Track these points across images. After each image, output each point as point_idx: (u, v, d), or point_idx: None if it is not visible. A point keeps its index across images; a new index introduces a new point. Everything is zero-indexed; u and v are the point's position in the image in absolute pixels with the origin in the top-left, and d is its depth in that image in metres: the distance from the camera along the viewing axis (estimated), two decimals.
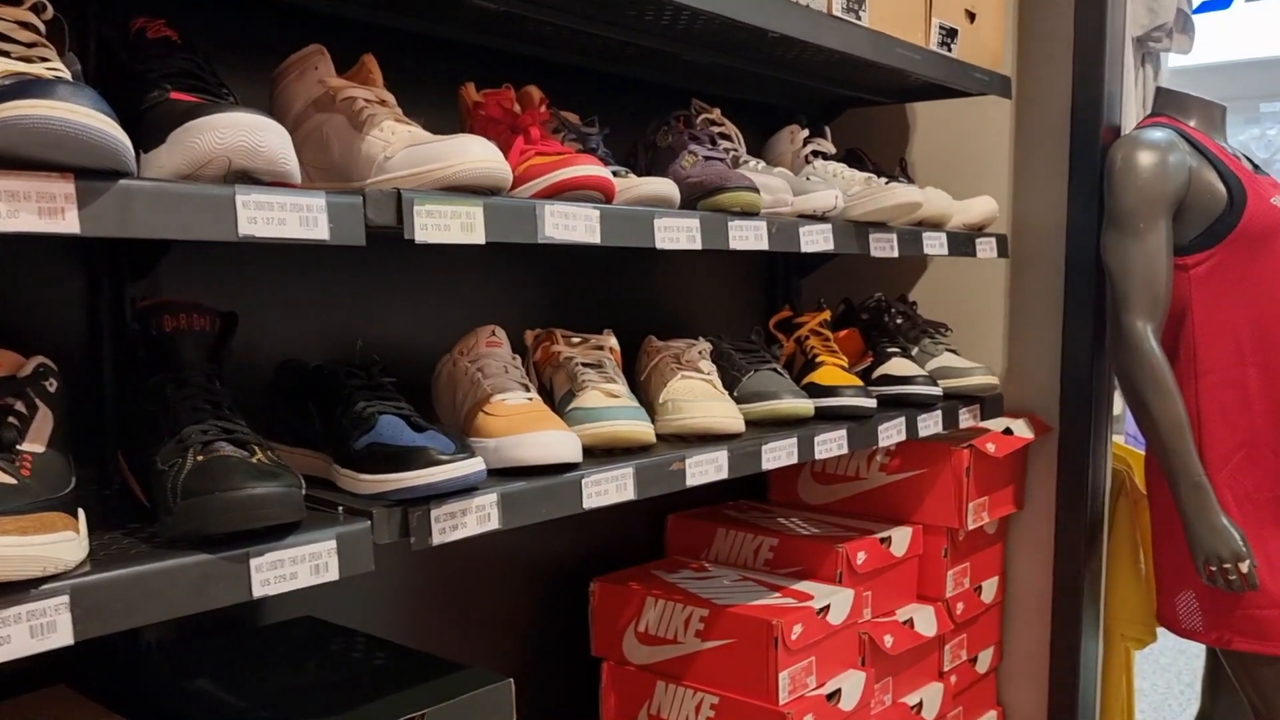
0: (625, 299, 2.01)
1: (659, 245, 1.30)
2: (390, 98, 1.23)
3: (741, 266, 2.29)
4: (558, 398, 1.44)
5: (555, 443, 1.21)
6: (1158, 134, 1.90)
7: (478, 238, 1.10)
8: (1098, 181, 2.00)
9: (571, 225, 1.20)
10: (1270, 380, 1.85)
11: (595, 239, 1.23)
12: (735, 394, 1.64)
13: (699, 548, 2.04)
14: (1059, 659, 2.14)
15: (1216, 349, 1.88)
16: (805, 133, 1.78)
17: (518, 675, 1.91)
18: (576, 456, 1.24)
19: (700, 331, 2.11)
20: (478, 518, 1.12)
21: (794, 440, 1.55)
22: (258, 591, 0.94)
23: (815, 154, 1.77)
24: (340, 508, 1.07)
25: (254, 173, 0.94)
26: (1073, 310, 2.06)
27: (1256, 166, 2.01)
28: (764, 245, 1.46)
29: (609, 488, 1.27)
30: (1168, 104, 2.02)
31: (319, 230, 0.97)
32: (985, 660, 2.20)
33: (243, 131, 0.91)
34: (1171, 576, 1.96)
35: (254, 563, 0.94)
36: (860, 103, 2.25)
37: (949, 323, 2.17)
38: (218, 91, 1.03)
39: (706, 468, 1.40)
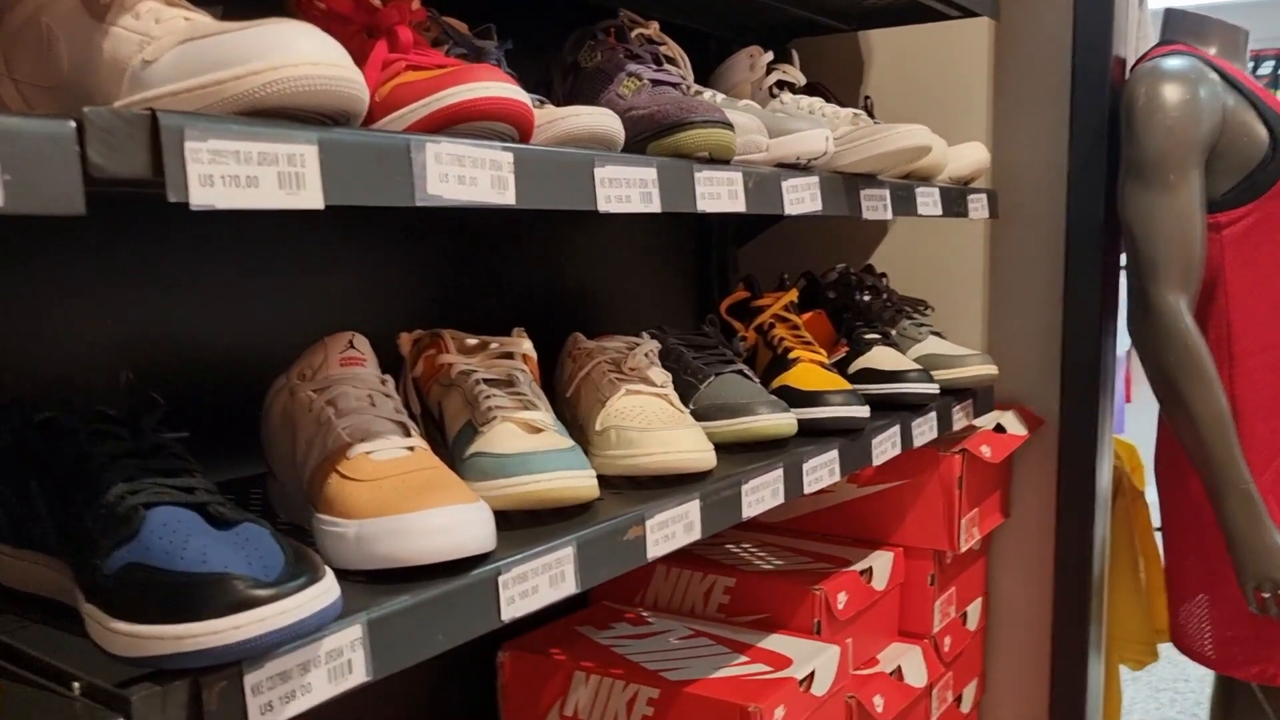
0: (519, 279, 1.55)
1: (602, 207, 0.86)
2: None
3: (664, 233, 1.85)
4: (452, 433, 0.99)
5: (454, 527, 0.76)
6: (1182, 63, 1.54)
7: (311, 199, 0.64)
8: (1106, 123, 1.64)
9: (472, 177, 0.75)
10: None
11: (508, 199, 0.77)
12: (692, 407, 1.22)
13: (633, 590, 1.62)
14: (1063, 687, 1.80)
15: (1255, 326, 1.55)
16: (769, 56, 1.35)
17: None
18: (488, 543, 0.79)
19: (620, 318, 1.68)
20: (330, 671, 0.67)
21: (779, 473, 1.14)
22: None
23: (781, 84, 1.35)
24: (76, 685, 0.60)
25: None
26: (1076, 280, 1.70)
27: None
28: (740, 206, 1.03)
29: (539, 582, 0.83)
30: (1180, 28, 1.66)
31: None
32: (969, 697, 1.86)
33: None
34: (1196, 598, 1.63)
35: None
36: (811, 29, 1.83)
37: (915, 295, 1.80)
38: None
39: (673, 529, 0.97)
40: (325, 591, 0.63)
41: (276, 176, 0.62)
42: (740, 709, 1.25)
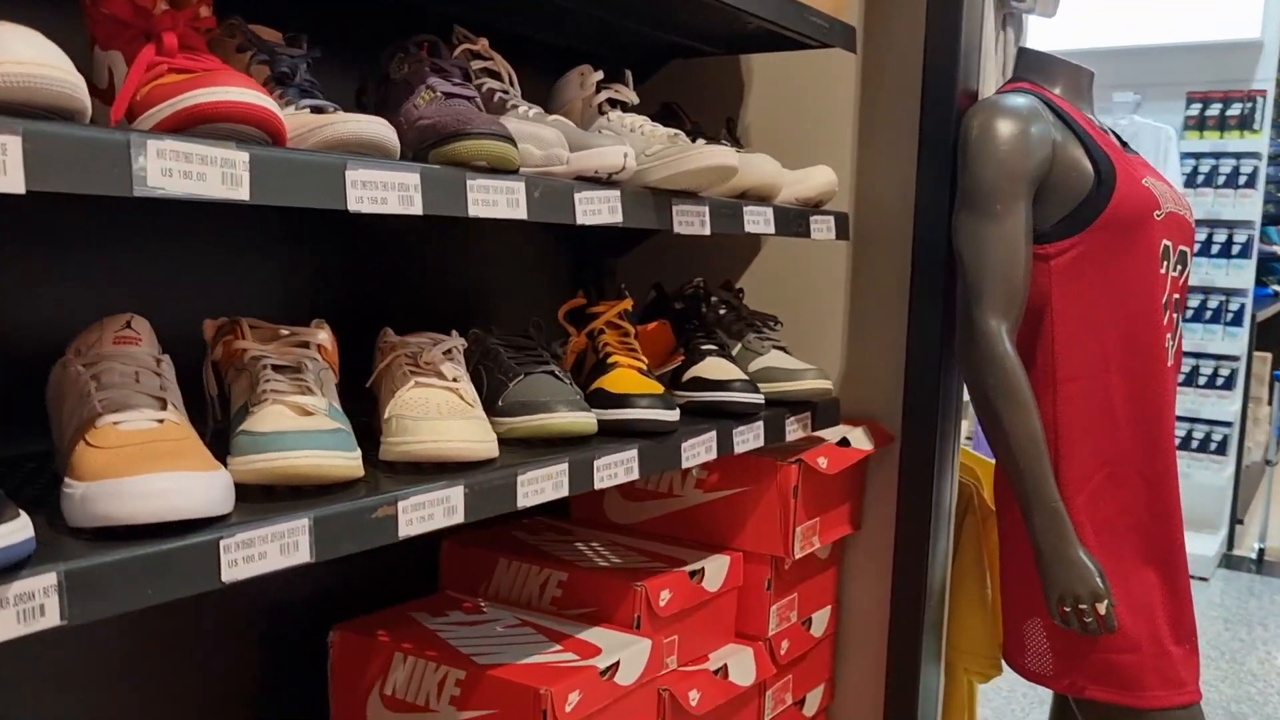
0: (407, 280, 1.62)
1: (352, 207, 0.93)
2: None
3: (542, 242, 1.93)
4: (233, 414, 1.06)
5: (172, 490, 0.83)
6: (1019, 100, 1.62)
7: (12, 184, 0.71)
8: (951, 153, 1.72)
9: (200, 173, 0.82)
10: (1138, 392, 1.60)
11: (241, 195, 0.85)
12: (500, 403, 1.29)
13: (478, 580, 1.69)
14: (896, 695, 1.87)
15: (1078, 353, 1.62)
16: (599, 75, 1.43)
17: None
18: (210, 508, 0.86)
19: (495, 321, 1.76)
20: (19, 613, 0.74)
21: (563, 467, 1.21)
22: None
23: (612, 102, 1.42)
24: None
25: None
26: (920, 302, 1.77)
27: (1124, 144, 1.76)
28: (520, 213, 1.10)
29: (268, 549, 0.90)
30: (1030, 67, 1.75)
31: None
32: (814, 701, 1.92)
33: None
34: (1018, 610, 1.70)
35: None
36: (687, 53, 1.91)
37: (785, 315, 1.87)
38: None
39: (431, 511, 1.04)
40: (11, 533, 0.70)
41: None
42: (533, 691, 1.31)
